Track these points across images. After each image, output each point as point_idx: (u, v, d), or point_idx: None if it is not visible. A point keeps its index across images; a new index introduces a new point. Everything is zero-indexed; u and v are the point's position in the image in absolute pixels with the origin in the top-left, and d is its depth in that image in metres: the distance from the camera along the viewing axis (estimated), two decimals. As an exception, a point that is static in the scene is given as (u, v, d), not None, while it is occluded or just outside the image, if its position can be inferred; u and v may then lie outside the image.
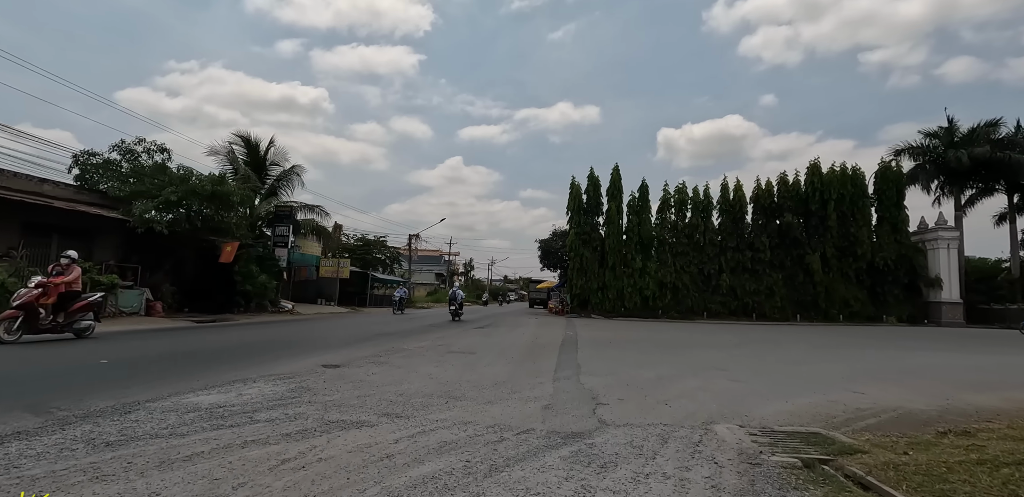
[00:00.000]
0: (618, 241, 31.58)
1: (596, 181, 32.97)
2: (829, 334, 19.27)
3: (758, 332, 18.91)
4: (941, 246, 30.89)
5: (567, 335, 14.61)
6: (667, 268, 31.37)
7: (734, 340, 14.77)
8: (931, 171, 32.81)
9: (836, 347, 13.50)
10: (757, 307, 30.89)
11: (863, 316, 30.72)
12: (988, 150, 29.77)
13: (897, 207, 31.64)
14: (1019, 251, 33.47)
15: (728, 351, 11.57)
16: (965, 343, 16.18)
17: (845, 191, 31.05)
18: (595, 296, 31.43)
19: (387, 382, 6.02)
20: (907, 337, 18.31)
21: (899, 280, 31.12)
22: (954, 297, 30.96)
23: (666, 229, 32.27)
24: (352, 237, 39.76)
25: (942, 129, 32.86)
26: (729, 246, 31.45)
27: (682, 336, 16.01)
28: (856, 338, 17.60)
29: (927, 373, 8.55)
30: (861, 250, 30.63)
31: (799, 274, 31.11)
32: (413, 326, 16.76)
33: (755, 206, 32.08)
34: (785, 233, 31.18)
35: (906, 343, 15.43)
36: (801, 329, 23.35)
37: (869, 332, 21.84)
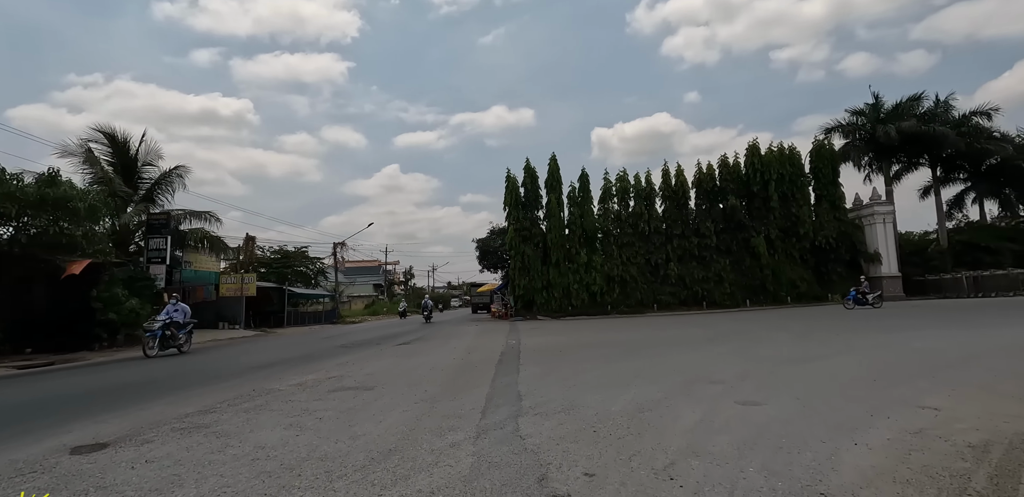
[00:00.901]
0: (560, 235, 29.49)
1: (533, 173, 30.76)
2: (791, 318, 17.79)
3: (722, 323, 17.12)
4: (877, 221, 30.94)
5: (508, 345, 12.04)
6: (613, 261, 29.59)
7: (702, 334, 12.72)
8: (861, 147, 32.99)
9: (816, 334, 11.72)
10: (707, 295, 29.68)
11: (810, 296, 30.23)
12: (915, 123, 30.04)
13: (833, 185, 31.47)
14: (945, 222, 34.28)
15: (704, 350, 9.38)
16: (940, 317, 15.00)
17: (784, 171, 30.50)
18: (540, 296, 29.14)
19: (148, 490, 3.16)
20: (873, 316, 17.08)
21: (841, 258, 30.91)
22: (893, 271, 31.09)
23: (609, 220, 30.53)
24: (267, 249, 35.47)
25: (868, 106, 33.14)
26: (675, 233, 30.11)
27: (642, 334, 13.82)
28: (822, 320, 16.14)
29: (973, 365, 6.58)
30: (804, 230, 30.14)
31: (746, 258, 30.22)
32: (320, 348, 13.64)
33: (698, 191, 30.97)
34: (730, 217, 30.20)
35: (882, 322, 13.98)
36: (758, 315, 21.98)
37: (825, 312, 20.73)
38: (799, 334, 11.80)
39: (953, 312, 17.04)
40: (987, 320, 13.47)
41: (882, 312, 18.94)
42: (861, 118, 33.28)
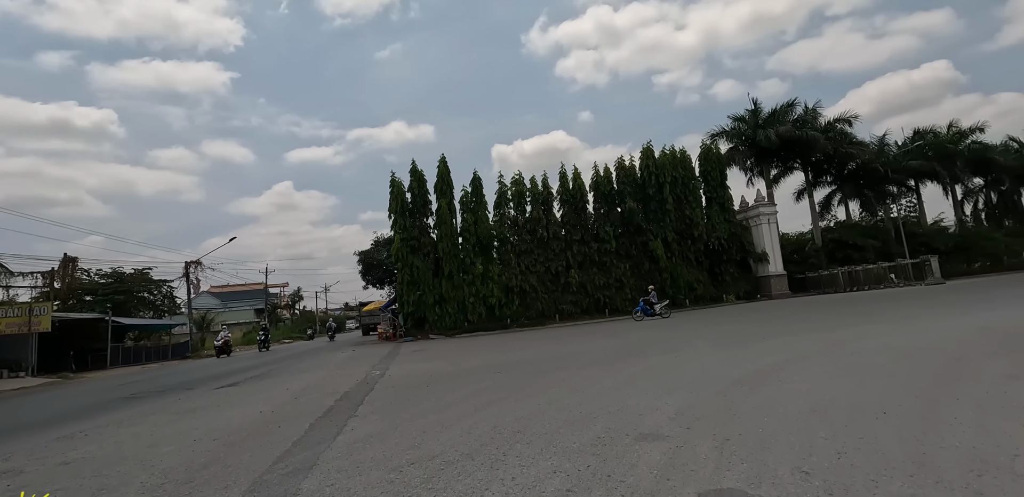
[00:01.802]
0: (453, 244, 26.77)
1: (421, 176, 27.87)
2: (696, 321, 16.43)
3: (630, 332, 15.26)
4: (763, 222, 31.80)
5: (367, 378, 9.00)
6: (511, 270, 27.37)
7: (612, 347, 10.54)
8: (744, 152, 34.04)
9: (734, 338, 9.94)
10: (609, 302, 28.40)
11: (707, 298, 30.11)
12: (790, 128, 31.42)
13: (722, 187, 31.93)
14: (819, 222, 36.37)
15: (618, 370, 7.06)
16: (869, 312, 14.23)
17: (677, 174, 30.36)
18: (432, 312, 26.08)
19: None
20: (783, 314, 16.17)
21: (733, 258, 31.28)
22: (779, 270, 32.03)
23: (506, 226, 28.36)
24: (94, 273, 28.86)
25: (748, 112, 34.38)
26: (575, 239, 28.62)
27: (543, 351, 11.37)
28: (726, 323, 14.83)
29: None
30: (698, 232, 30.06)
31: (645, 262, 29.47)
32: (84, 404, 9.62)
33: (596, 194, 29.87)
34: (628, 220, 29.36)
35: (802, 322, 12.77)
36: (662, 321, 20.69)
37: (724, 313, 19.90)
38: (718, 340, 9.99)
39: (776, 314, 16.63)
40: (811, 321, 12.72)
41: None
42: (742, 124, 34.48)
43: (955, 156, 36.86)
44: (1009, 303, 11.83)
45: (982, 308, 11.15)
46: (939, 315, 10.65)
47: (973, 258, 38.36)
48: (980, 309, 10.98)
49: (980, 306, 11.76)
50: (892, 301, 16.73)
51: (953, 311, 11.31)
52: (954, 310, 11.57)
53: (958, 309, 11.67)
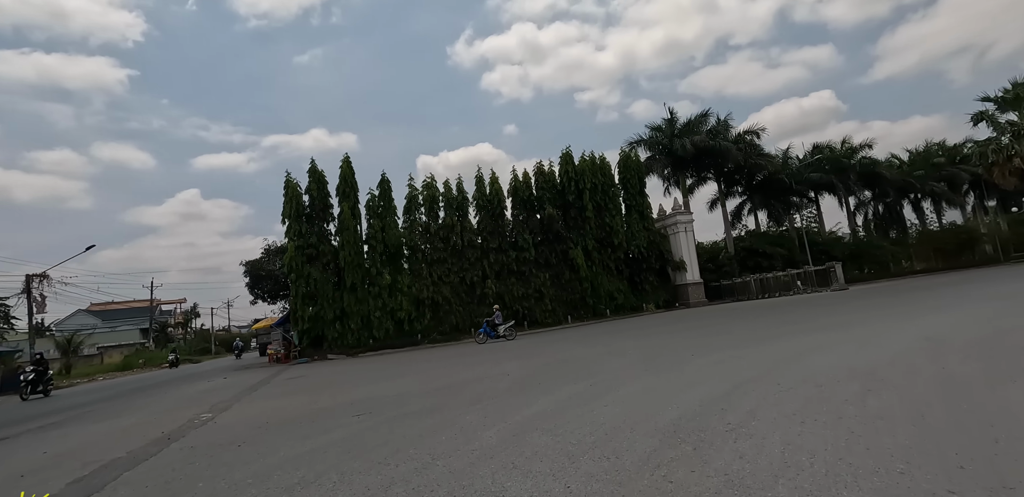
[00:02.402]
0: (357, 252, 24.12)
1: (321, 178, 25.05)
2: (615, 335, 15.12)
3: (546, 347, 13.57)
4: (680, 230, 31.79)
5: (184, 426, 6.53)
6: (423, 281, 25.11)
7: (519, 372, 8.71)
8: (661, 161, 34.12)
9: (678, 360, 8.48)
10: (528, 313, 26.86)
11: (627, 307, 29.42)
12: (704, 138, 31.79)
13: (641, 195, 31.63)
14: (731, 231, 37.21)
15: (522, 419, 5.20)
16: (797, 320, 13.40)
17: (597, 180, 29.61)
18: (332, 329, 23.20)
19: None
20: (706, 324, 15.19)
21: (652, 267, 30.92)
22: (696, 278, 32.09)
23: (417, 233, 26.12)
24: None
25: (665, 121, 34.59)
26: (491, 247, 26.89)
27: (433, 380, 9.32)
28: (663, 335, 13.60)
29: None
30: (618, 240, 29.39)
31: (565, 271, 28.30)
32: None
33: (514, 200, 28.37)
34: (547, 227, 28.09)
35: (728, 334, 11.64)
36: (581, 332, 19.33)
37: (650, 324, 18.89)
38: (642, 359, 8.47)
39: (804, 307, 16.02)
40: (738, 332, 11.94)
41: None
42: (660, 134, 34.62)
43: (849, 170, 39.26)
44: (928, 307, 11.38)
45: (908, 313, 10.53)
46: (870, 322, 9.83)
47: (865, 265, 40.96)
48: (908, 314, 10.32)
49: (903, 311, 11.20)
50: (811, 307, 16.34)
51: (881, 316, 10.61)
52: (880, 315, 10.91)
53: (882, 313, 11.05)
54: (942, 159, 46.04)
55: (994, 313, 8.74)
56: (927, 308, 11.08)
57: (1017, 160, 31.77)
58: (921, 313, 10.21)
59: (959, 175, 44.35)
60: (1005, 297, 11.43)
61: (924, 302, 13.01)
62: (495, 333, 19.72)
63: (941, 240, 44.47)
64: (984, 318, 8.24)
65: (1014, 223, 49.49)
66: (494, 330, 19.80)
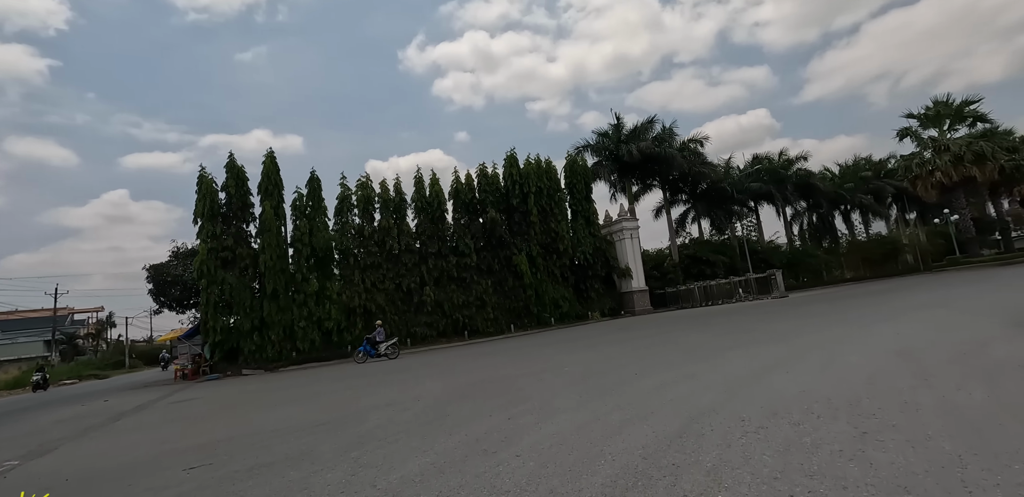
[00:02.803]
0: (280, 256, 21.95)
1: (240, 173, 22.77)
2: (559, 345, 13.98)
3: (483, 360, 12.21)
4: (626, 237, 31.32)
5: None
6: (355, 288, 23.22)
7: (433, 398, 7.31)
8: (608, 166, 33.69)
9: (622, 381, 7.33)
10: (469, 322, 25.42)
11: (572, 316, 28.52)
12: (651, 144, 31.58)
13: (587, 200, 30.97)
14: (676, 239, 37.26)
15: (399, 482, 3.81)
16: (748, 329, 12.60)
17: (543, 184, 28.64)
18: (249, 341, 20.92)
19: None
20: (653, 333, 14.29)
21: (598, 274, 30.22)
22: (641, 285, 31.67)
23: (349, 237, 24.22)
24: None
25: (612, 126, 34.25)
26: (431, 252, 25.33)
27: (327, 412, 7.77)
28: (607, 346, 12.52)
29: None
30: (563, 246, 28.49)
31: (508, 278, 27.09)
32: None
33: (456, 203, 26.96)
34: (490, 232, 26.82)
35: (675, 345, 10.68)
36: (524, 343, 18.12)
37: (595, 333, 17.91)
38: (582, 378, 7.28)
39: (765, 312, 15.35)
40: (686, 343, 11.21)
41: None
42: (606, 139, 34.25)
43: (786, 181, 40.37)
44: (877, 315, 10.86)
45: (859, 322, 9.91)
46: (824, 331, 9.09)
47: (800, 273, 42.16)
48: (859, 323, 9.69)
49: (853, 319, 10.62)
50: (758, 315, 15.81)
51: (832, 324, 9.94)
52: (831, 323, 10.27)
53: (833, 321, 10.43)
54: (869, 173, 48.41)
55: (944, 322, 8.16)
56: (876, 316, 10.54)
57: (939, 174, 33.45)
58: (872, 321, 9.59)
59: (884, 188, 46.69)
60: (942, 304, 11.12)
61: (868, 309, 12.60)
62: (375, 351, 18.02)
63: (868, 250, 46.55)
64: (938, 327, 7.59)
65: (931, 235, 52.64)
66: (375, 348, 18.11)
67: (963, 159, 32.64)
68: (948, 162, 33.00)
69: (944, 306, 10.71)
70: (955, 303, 11.18)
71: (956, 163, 32.70)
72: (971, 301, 11.28)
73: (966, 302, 11.16)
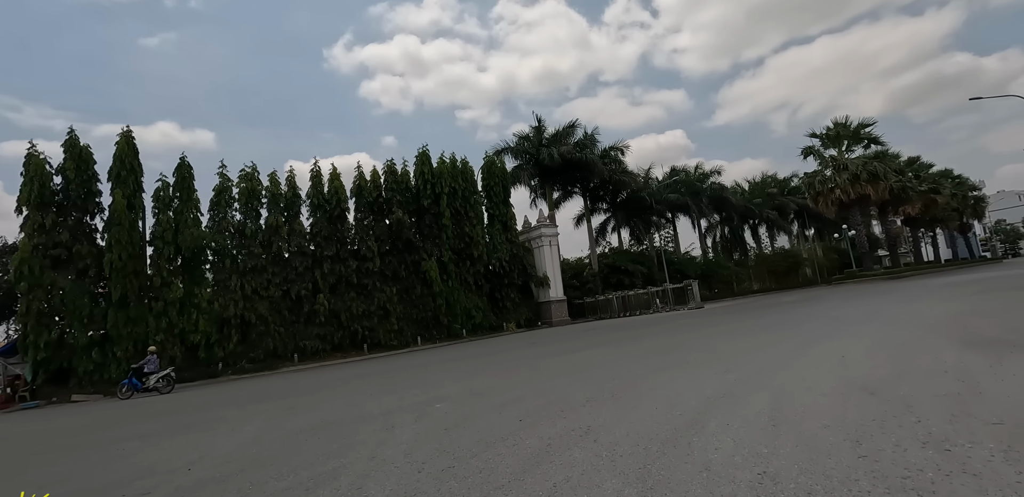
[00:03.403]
0: (134, 256, 18.25)
1: (84, 154, 18.86)
2: (472, 366, 11.94)
3: (376, 382, 9.84)
4: (545, 244, 29.94)
5: None
6: (231, 294, 19.91)
7: (232, 453, 4.98)
8: (529, 170, 32.31)
9: (521, 392, 5.35)
10: (370, 334, 22.73)
11: (486, 327, 26.55)
12: (572, 149, 30.56)
13: (505, 204, 29.31)
14: (596, 248, 36.54)
15: None
16: (681, 345, 11.08)
17: (457, 186, 26.60)
18: (84, 359, 17.05)
19: None
20: (571, 348, 12.57)
21: (514, 282, 28.53)
22: (559, 295, 30.37)
23: (228, 235, 20.85)
24: None
25: (532, 129, 32.96)
26: (327, 255, 22.44)
27: (206, 444, 5.20)
28: (516, 366, 10.60)
29: None
30: (478, 252, 26.53)
31: (416, 285, 24.69)
32: None
33: (359, 201, 24.26)
34: (397, 235, 24.35)
35: (597, 368, 8.93)
36: (434, 358, 15.89)
37: (507, 347, 16.04)
38: (452, 428, 5.27)
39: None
40: (607, 364, 9.80)
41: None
42: (527, 142, 32.92)
43: (701, 194, 41.12)
44: (807, 330, 9.80)
45: (796, 338, 8.70)
46: (761, 350, 7.71)
47: (714, 284, 43.03)
48: (796, 339, 8.46)
49: (787, 334, 9.46)
50: (679, 328, 14.63)
51: (767, 342, 8.66)
52: (765, 341, 9.01)
53: (765, 338, 9.20)
54: (775, 190, 50.96)
55: (888, 340, 7.02)
56: (809, 332, 9.44)
57: (838, 191, 35.18)
58: (808, 339, 8.40)
59: (788, 205, 49.21)
60: (869, 317, 10.32)
61: (795, 323, 11.66)
62: (141, 384, 14.77)
63: (774, 263, 48.71)
64: (886, 347, 6.38)
65: (828, 250, 56.38)
66: (142, 381, 14.85)
67: (859, 178, 34.53)
68: (847, 180, 34.78)
69: (873, 319, 9.82)
70: (880, 316, 10.38)
71: (853, 181, 34.52)
72: (894, 314, 10.54)
73: (891, 315, 10.39)
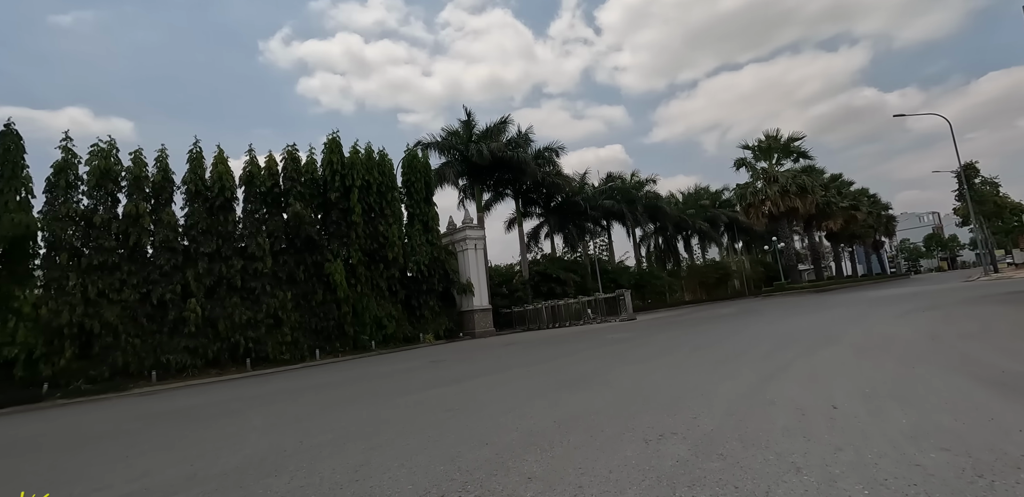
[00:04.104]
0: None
1: None
2: (357, 391, 9.22)
3: (231, 419, 6.89)
4: (469, 247, 27.49)
5: None
6: (68, 297, 15.98)
7: None
8: (457, 168, 29.85)
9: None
10: (255, 347, 19.26)
11: (400, 338, 23.59)
12: (502, 145, 28.43)
13: (427, 203, 26.60)
14: (527, 254, 34.52)
15: None
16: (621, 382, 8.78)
17: (372, 179, 23.62)
18: None
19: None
20: (486, 369, 10.09)
21: (434, 289, 25.80)
22: (484, 303, 27.95)
23: (71, 223, 16.92)
24: None
25: (461, 123, 30.57)
26: (203, 252, 18.86)
27: None
28: (435, 397, 7.98)
29: None
30: (393, 254, 23.61)
31: (317, 290, 21.46)
32: None
33: (249, 191, 20.82)
34: (295, 231, 21.08)
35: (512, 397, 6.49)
36: (333, 375, 12.90)
37: (418, 361, 13.37)
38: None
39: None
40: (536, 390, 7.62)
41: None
42: (456, 138, 30.50)
43: (637, 202, 40.26)
44: (765, 356, 7.88)
45: (749, 366, 6.70)
46: (711, 389, 5.57)
47: (647, 294, 42.22)
48: (751, 367, 6.45)
49: (735, 360, 7.48)
50: (611, 346, 12.56)
51: (700, 356, 6.59)
52: (708, 367, 6.95)
53: (707, 363, 7.18)
54: (707, 202, 51.36)
55: (882, 376, 5.10)
56: (764, 357, 7.50)
57: (769, 203, 35.18)
58: (767, 368, 6.40)
59: (719, 217, 49.62)
60: (832, 339, 8.61)
61: (741, 344, 9.81)
62: None
63: (705, 274, 48.82)
64: (890, 389, 4.39)
65: (754, 263, 57.61)
66: None
67: (789, 191, 34.70)
68: (777, 192, 34.85)
69: (837, 341, 8.03)
70: (841, 336, 8.63)
71: (783, 194, 34.63)
72: (856, 334, 8.83)
73: (854, 335, 8.65)
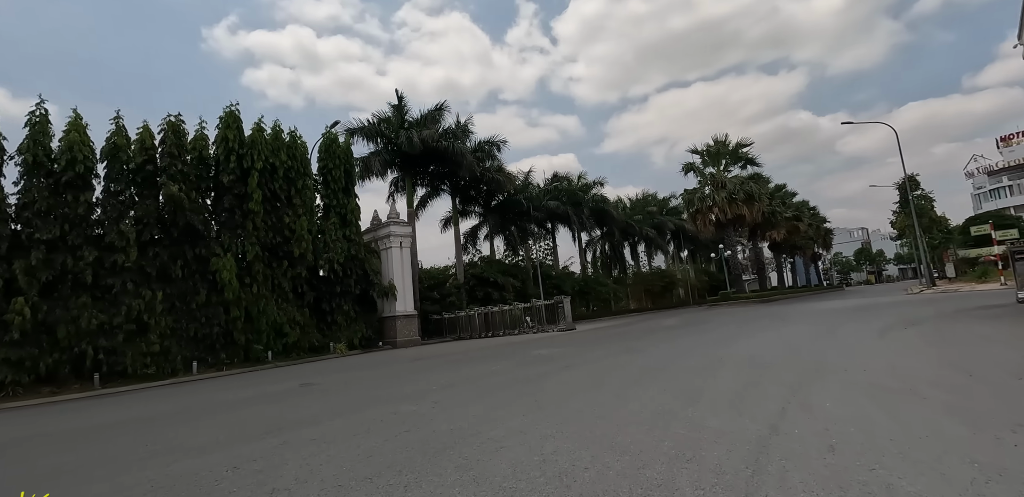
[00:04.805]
0: None
1: None
2: (215, 424, 6.22)
3: None
4: (394, 245, 24.49)
5: None
6: None
7: None
8: (384, 158, 26.81)
9: None
10: (110, 359, 15.59)
11: (304, 348, 20.29)
12: (435, 133, 25.68)
13: (347, 194, 23.46)
14: (463, 256, 31.83)
15: None
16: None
17: (278, 162, 20.28)
18: None
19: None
20: (376, 399, 7.29)
21: (350, 291, 22.64)
22: (409, 309, 25.00)
23: None
24: None
25: (393, 107, 27.58)
26: (40, 239, 15.09)
27: None
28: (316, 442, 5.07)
29: None
30: (300, 250, 20.33)
31: (200, 290, 17.93)
32: None
33: (113, 166, 17.13)
34: (173, 219, 17.54)
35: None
36: (204, 396, 9.67)
37: (303, 384, 10.37)
38: None
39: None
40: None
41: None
42: (387, 125, 27.50)
43: (583, 204, 38.47)
44: (737, 394, 5.56)
45: (690, 397, 4.28)
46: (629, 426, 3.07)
47: (591, 301, 40.43)
48: (695, 400, 4.01)
49: (670, 383, 5.08)
50: (527, 365, 10.03)
51: (642, 387, 4.14)
52: (635, 385, 4.54)
53: (640, 382, 4.80)
54: (654, 209, 50.44)
55: (901, 427, 2.76)
56: (729, 400, 5.17)
57: (716, 210, 34.11)
58: (739, 413, 4.01)
59: (666, 224, 48.74)
60: (815, 362, 6.46)
61: (693, 371, 7.54)
62: None
63: (650, 282, 47.67)
64: (909, 442, 2.04)
65: (699, 272, 57.29)
66: None
67: (736, 198, 33.75)
68: (724, 199, 33.83)
69: (834, 373, 5.80)
70: (840, 368, 6.43)
71: (731, 201, 33.64)
72: (859, 365, 6.67)
73: (857, 367, 6.46)
